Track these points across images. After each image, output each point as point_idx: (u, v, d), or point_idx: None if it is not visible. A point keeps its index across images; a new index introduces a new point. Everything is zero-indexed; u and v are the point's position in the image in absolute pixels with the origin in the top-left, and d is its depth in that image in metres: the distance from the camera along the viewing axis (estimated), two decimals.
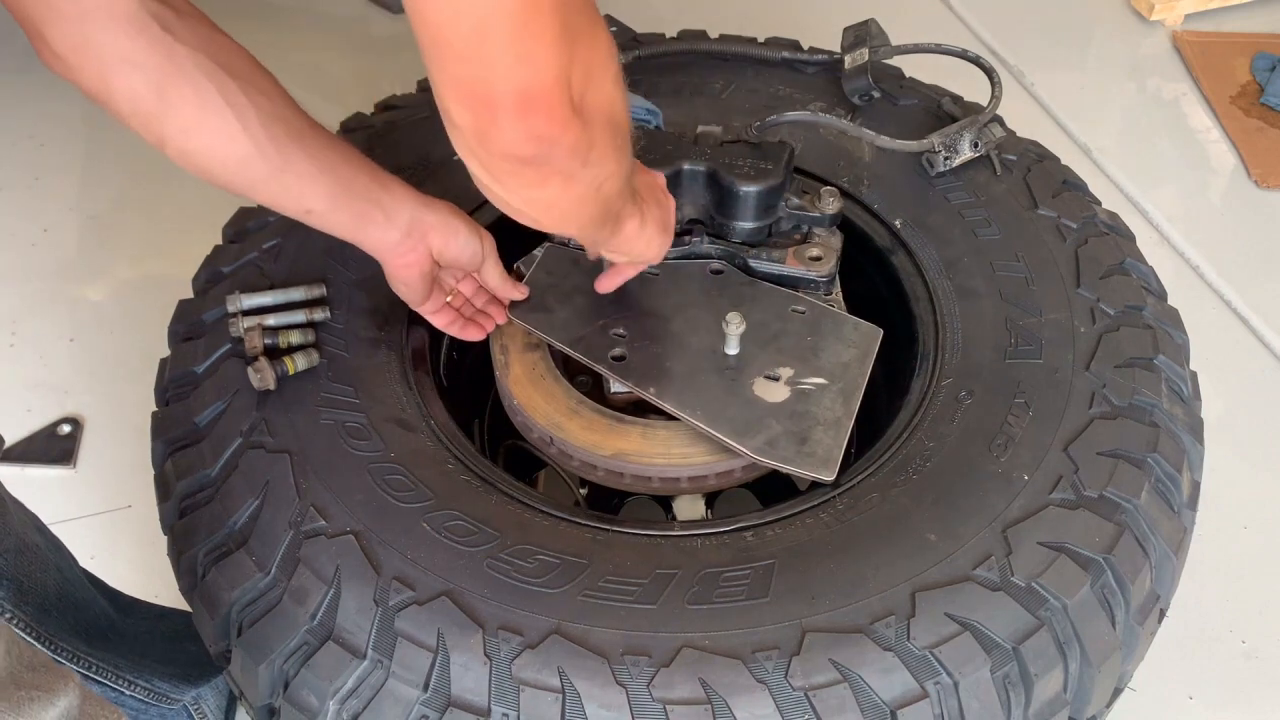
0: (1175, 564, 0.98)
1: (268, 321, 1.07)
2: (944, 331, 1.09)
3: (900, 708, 0.83)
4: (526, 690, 0.83)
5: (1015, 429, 0.99)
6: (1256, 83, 2.26)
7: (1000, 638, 0.86)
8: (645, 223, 0.97)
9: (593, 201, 0.80)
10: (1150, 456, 0.98)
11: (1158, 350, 1.06)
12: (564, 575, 0.89)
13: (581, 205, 0.80)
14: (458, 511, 0.94)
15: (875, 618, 0.86)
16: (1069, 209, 1.19)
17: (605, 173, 0.77)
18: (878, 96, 1.31)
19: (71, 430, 1.69)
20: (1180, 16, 2.42)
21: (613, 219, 0.90)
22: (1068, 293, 1.10)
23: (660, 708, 0.82)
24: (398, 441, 1.01)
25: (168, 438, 1.04)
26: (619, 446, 1.05)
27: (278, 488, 0.96)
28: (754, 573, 0.89)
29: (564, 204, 0.78)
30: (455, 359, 1.26)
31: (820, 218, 1.14)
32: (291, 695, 0.90)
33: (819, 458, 1.00)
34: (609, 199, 0.83)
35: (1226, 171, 2.12)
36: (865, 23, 1.35)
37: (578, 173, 0.74)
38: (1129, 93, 2.31)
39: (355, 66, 2.31)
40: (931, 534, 0.92)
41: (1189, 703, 1.38)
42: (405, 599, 0.88)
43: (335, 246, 1.16)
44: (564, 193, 0.75)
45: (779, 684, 0.83)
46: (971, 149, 1.22)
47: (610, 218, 0.89)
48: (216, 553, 0.96)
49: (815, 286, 1.13)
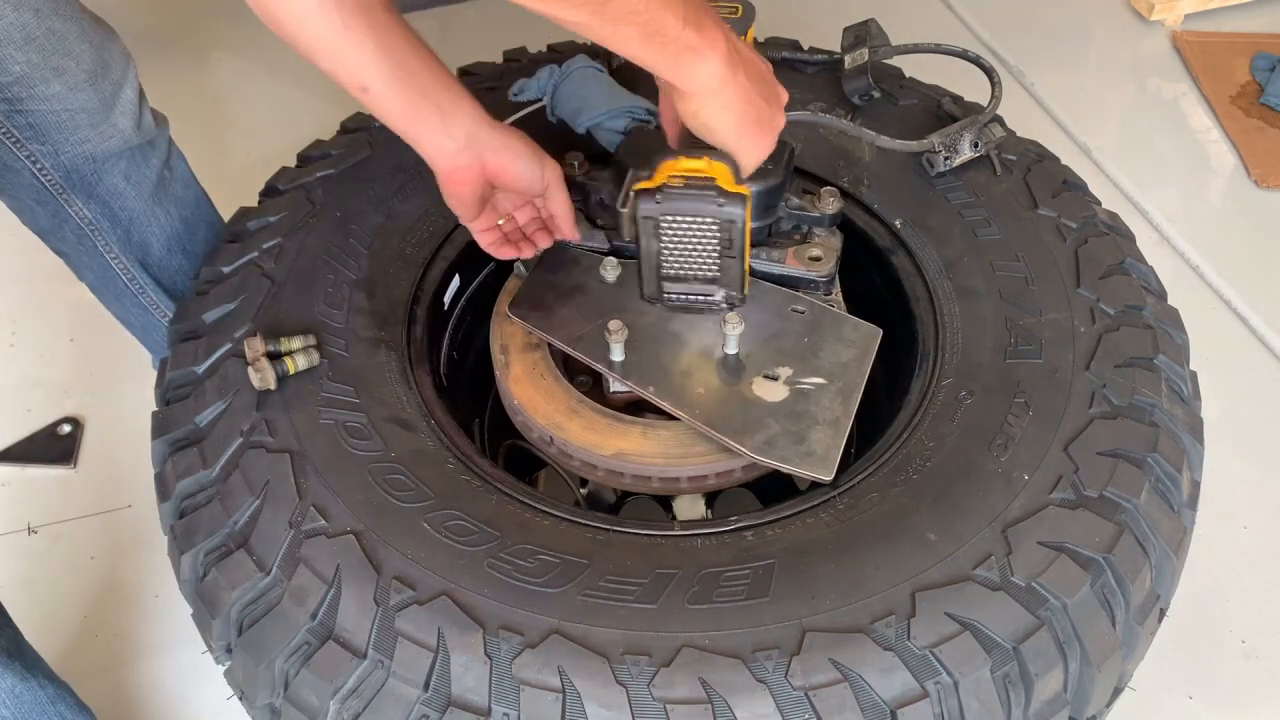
0: (1175, 564, 0.98)
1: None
2: (944, 331, 1.09)
3: (900, 707, 0.83)
4: (527, 690, 0.83)
5: (1015, 429, 0.99)
6: (1256, 83, 2.26)
7: (1000, 637, 0.86)
8: (727, 79, 0.85)
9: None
10: (1150, 456, 0.98)
11: (1158, 350, 1.06)
12: (564, 575, 0.89)
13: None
14: (458, 511, 0.95)
15: (875, 617, 0.86)
16: (1069, 209, 1.19)
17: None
18: (878, 96, 1.31)
19: (71, 430, 1.69)
20: (1180, 16, 2.41)
21: (645, 27, 0.78)
22: (1068, 293, 1.10)
23: (660, 707, 0.82)
24: (398, 441, 1.01)
25: (168, 438, 1.04)
26: (619, 446, 1.05)
27: (278, 488, 0.96)
28: (754, 572, 0.89)
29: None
30: (455, 359, 1.27)
31: (820, 218, 1.14)
32: (292, 695, 0.90)
33: (818, 457, 1.00)
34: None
35: (1226, 171, 2.12)
36: (865, 23, 1.35)
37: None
38: (1129, 93, 2.31)
39: None
40: (931, 534, 0.92)
41: (1189, 703, 1.38)
42: (405, 599, 0.88)
43: (335, 246, 1.17)
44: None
45: (779, 683, 0.83)
46: (971, 149, 1.22)
47: (635, 17, 0.77)
48: (216, 553, 0.96)
49: (815, 286, 1.13)
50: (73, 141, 1.20)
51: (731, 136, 0.90)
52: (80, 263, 1.36)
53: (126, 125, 1.23)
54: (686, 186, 0.91)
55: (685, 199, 0.91)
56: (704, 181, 0.91)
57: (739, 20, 0.99)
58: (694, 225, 0.93)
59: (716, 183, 0.91)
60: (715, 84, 0.85)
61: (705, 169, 0.92)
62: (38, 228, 1.32)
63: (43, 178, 1.22)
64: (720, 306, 1.02)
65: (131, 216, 1.30)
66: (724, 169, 0.92)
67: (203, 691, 1.40)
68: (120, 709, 1.39)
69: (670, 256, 0.98)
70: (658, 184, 0.93)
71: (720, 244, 0.95)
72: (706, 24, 0.82)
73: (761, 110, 0.90)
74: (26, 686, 1.07)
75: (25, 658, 1.09)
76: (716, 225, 0.93)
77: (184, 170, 1.37)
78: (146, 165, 1.29)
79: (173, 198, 1.34)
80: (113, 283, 1.37)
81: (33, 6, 1.09)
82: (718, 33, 0.83)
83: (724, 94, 0.86)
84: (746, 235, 0.96)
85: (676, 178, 0.92)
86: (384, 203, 1.22)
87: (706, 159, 0.92)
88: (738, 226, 0.93)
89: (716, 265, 0.97)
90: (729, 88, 0.86)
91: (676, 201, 0.91)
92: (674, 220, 0.93)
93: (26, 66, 1.11)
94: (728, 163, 0.92)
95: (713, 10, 0.85)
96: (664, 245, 0.96)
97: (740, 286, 1.01)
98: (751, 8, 1.01)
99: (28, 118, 1.16)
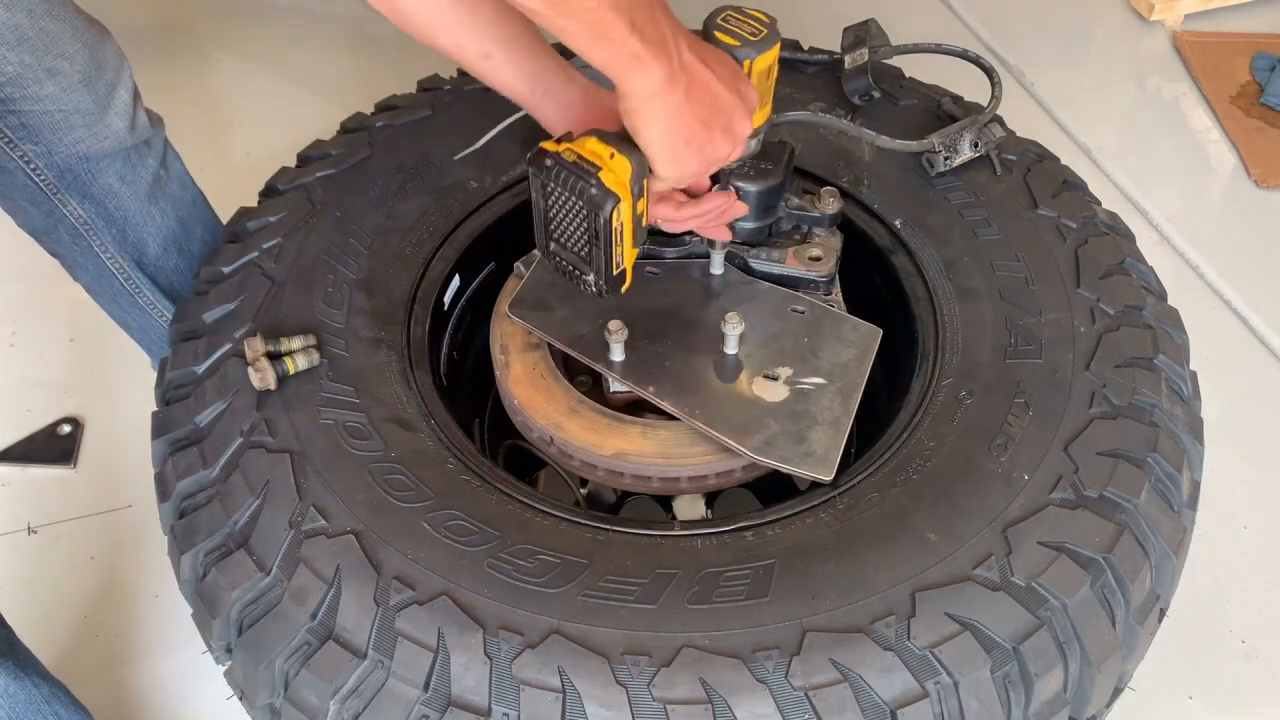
0: (1175, 564, 0.98)
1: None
2: (944, 331, 1.09)
3: (900, 707, 0.83)
4: (527, 690, 0.83)
5: (1015, 429, 0.99)
6: (1256, 83, 2.26)
7: (1000, 637, 0.86)
8: (661, 94, 0.86)
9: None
10: (1150, 456, 0.98)
11: (1158, 350, 1.06)
12: (564, 575, 0.89)
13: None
14: (458, 511, 0.95)
15: (875, 617, 0.86)
16: (1069, 209, 1.19)
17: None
18: (878, 96, 1.31)
19: (71, 430, 1.69)
20: (1180, 16, 2.41)
21: (594, 26, 0.80)
22: (1068, 293, 1.10)
23: (660, 707, 0.82)
24: (398, 441, 1.01)
25: (168, 438, 1.04)
26: (619, 446, 1.05)
27: (278, 488, 0.96)
28: (754, 572, 0.89)
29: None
30: (455, 359, 1.27)
31: (820, 218, 1.14)
32: (292, 695, 0.90)
33: (817, 457, 1.00)
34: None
35: (1226, 171, 2.12)
36: (865, 23, 1.35)
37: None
38: (1129, 93, 2.31)
39: (355, 66, 2.31)
40: (931, 534, 0.92)
41: (1189, 703, 1.38)
42: (405, 599, 0.88)
43: (335, 246, 1.17)
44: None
45: (779, 684, 0.83)
46: (971, 149, 1.22)
47: (586, 14, 0.79)
48: (217, 553, 0.96)
49: (815, 286, 1.13)
50: (66, 142, 1.20)
51: (653, 148, 0.90)
52: (76, 263, 1.36)
53: (121, 126, 1.23)
54: (574, 163, 0.90)
55: (566, 173, 0.90)
56: (590, 167, 0.90)
57: (753, 44, 0.96)
58: (569, 201, 0.93)
59: (600, 174, 0.89)
60: (647, 94, 0.85)
61: (603, 158, 0.90)
62: (32, 229, 1.32)
63: (36, 178, 1.22)
64: (590, 289, 0.99)
65: (126, 216, 1.30)
66: (624, 166, 0.90)
67: (203, 691, 1.40)
68: (120, 709, 1.39)
69: (553, 221, 0.96)
70: (558, 150, 0.92)
71: (588, 230, 0.93)
72: (653, 35, 0.82)
73: (694, 132, 0.89)
74: (20, 685, 1.07)
75: (19, 656, 1.09)
76: (585, 210, 0.92)
77: (180, 170, 1.37)
78: (142, 165, 1.29)
79: (169, 198, 1.34)
80: (109, 283, 1.37)
81: (25, 7, 1.08)
82: (663, 47, 0.83)
83: (654, 106, 0.87)
84: (624, 235, 0.94)
85: (573, 152, 0.91)
86: (384, 203, 1.22)
87: (612, 150, 0.91)
88: (601, 220, 0.91)
89: (586, 249, 0.95)
90: (660, 102, 0.86)
91: (559, 172, 0.91)
92: (554, 189, 0.92)
93: (19, 67, 1.11)
94: (635, 165, 0.91)
95: (670, 23, 0.85)
96: (549, 208, 0.95)
97: (610, 281, 0.97)
98: (776, 31, 0.98)
99: (20, 118, 1.16)
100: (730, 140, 0.93)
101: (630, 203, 0.92)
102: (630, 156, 0.90)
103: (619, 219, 0.92)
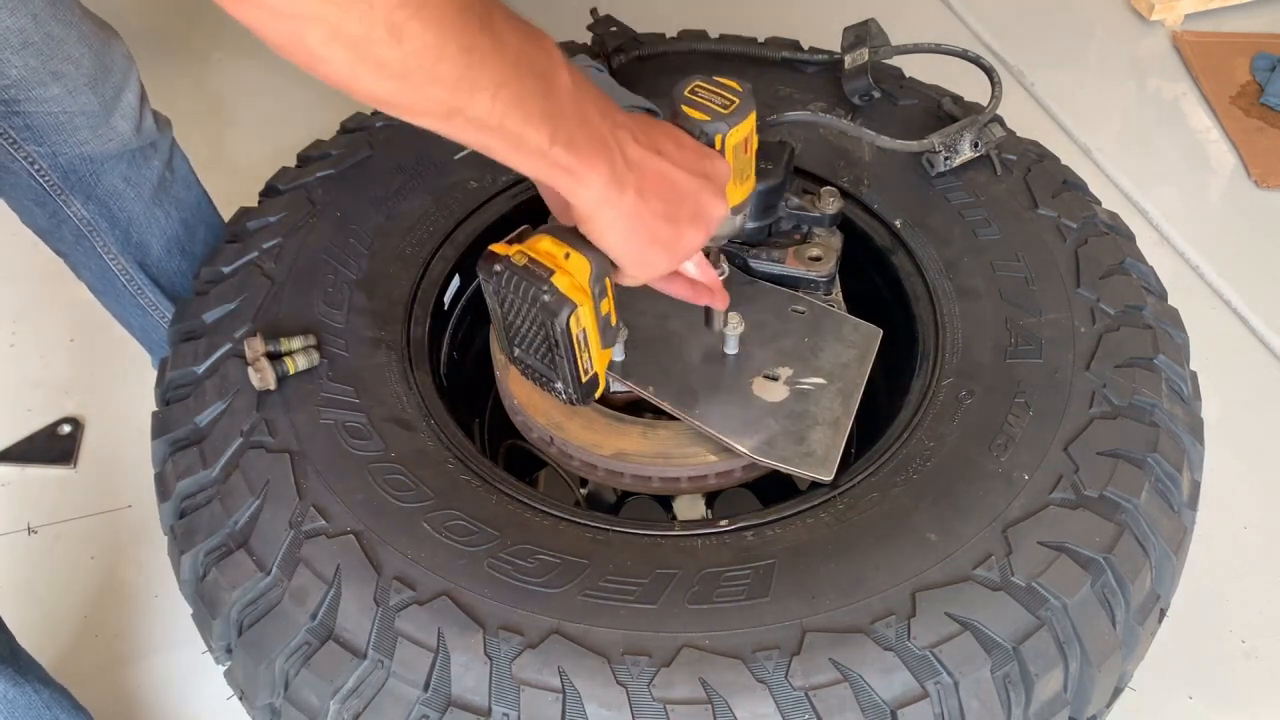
0: (1175, 564, 0.98)
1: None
2: (944, 331, 1.09)
3: (900, 707, 0.83)
4: (527, 690, 0.83)
5: (1015, 429, 0.99)
6: (1256, 83, 2.26)
7: (1000, 637, 0.86)
8: (608, 201, 0.77)
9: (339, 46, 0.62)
10: (1150, 456, 0.98)
11: (1158, 350, 1.06)
12: (564, 575, 0.89)
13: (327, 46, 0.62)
14: (458, 511, 0.95)
15: (875, 617, 0.86)
16: (1069, 209, 1.19)
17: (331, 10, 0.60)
18: (878, 96, 1.31)
19: (71, 430, 1.69)
20: (1180, 16, 2.41)
21: (504, 140, 0.71)
22: (1068, 293, 1.10)
23: (660, 708, 0.82)
24: (398, 441, 1.01)
25: (168, 438, 1.04)
26: (619, 446, 1.05)
27: (278, 488, 0.96)
28: (754, 573, 0.89)
29: (308, 39, 0.61)
30: (455, 359, 1.27)
31: (820, 218, 1.14)
32: (292, 695, 0.90)
33: (817, 457, 1.00)
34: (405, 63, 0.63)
35: (1226, 171, 2.12)
36: (865, 23, 1.35)
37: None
38: (1129, 93, 2.31)
39: None
40: (931, 534, 0.92)
41: (1189, 703, 1.39)
42: (405, 599, 0.88)
43: (335, 246, 1.17)
44: (278, 24, 0.61)
45: (779, 684, 0.83)
46: (971, 149, 1.22)
47: (488, 133, 0.70)
48: (216, 553, 0.96)
49: (815, 286, 1.13)
50: (71, 143, 1.20)
51: (616, 251, 0.82)
52: (79, 263, 1.37)
53: (126, 128, 1.23)
54: (524, 267, 0.83)
55: (517, 279, 0.83)
56: (542, 271, 0.83)
57: (725, 117, 0.87)
58: (524, 309, 0.85)
59: (553, 278, 0.82)
60: (592, 204, 0.78)
61: (558, 260, 0.83)
62: (36, 228, 1.32)
63: (40, 179, 1.22)
64: (560, 397, 0.93)
65: (130, 218, 1.30)
66: (582, 267, 0.83)
67: (203, 691, 1.40)
68: (120, 709, 1.39)
69: (512, 328, 0.90)
70: (509, 253, 0.85)
71: (547, 339, 0.87)
72: (583, 142, 0.74)
73: (658, 231, 0.81)
74: (20, 691, 1.07)
75: (19, 662, 1.09)
76: (541, 319, 0.85)
77: (186, 172, 1.37)
78: (147, 167, 1.29)
79: (173, 199, 1.34)
80: (111, 283, 1.37)
81: (31, 11, 1.09)
82: (598, 153, 0.75)
83: (605, 214, 0.79)
84: (589, 341, 0.88)
85: (524, 254, 0.84)
86: (384, 203, 1.22)
87: (568, 249, 0.83)
88: (557, 328, 0.84)
89: (549, 357, 0.89)
90: (609, 208, 0.78)
91: (510, 278, 0.84)
92: (507, 295, 0.86)
93: (24, 70, 1.11)
94: (595, 265, 0.83)
95: (604, 123, 0.76)
96: (505, 315, 0.89)
97: (578, 390, 0.91)
98: (749, 105, 0.89)
99: (25, 119, 1.16)
100: (701, 227, 0.85)
101: (591, 305, 0.85)
102: (589, 255, 0.83)
103: (578, 325, 0.85)
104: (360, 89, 0.66)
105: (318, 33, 0.62)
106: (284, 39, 0.63)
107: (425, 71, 0.65)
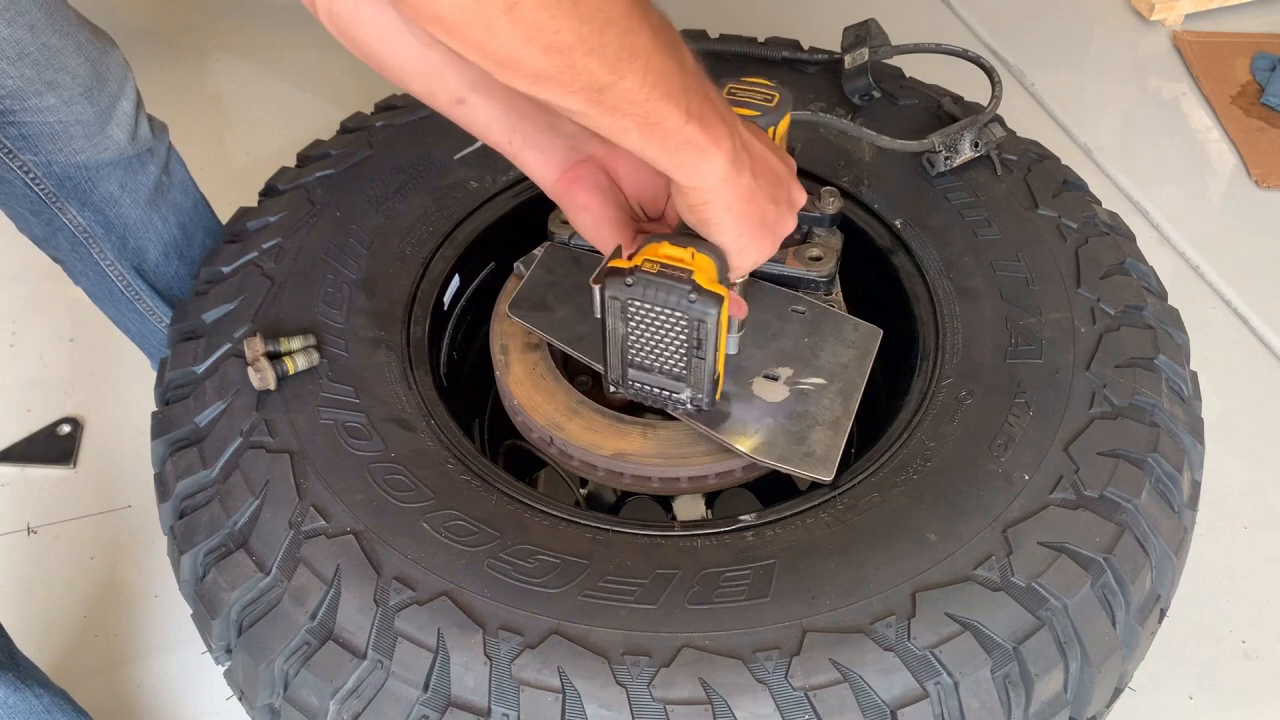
0: (1175, 564, 0.98)
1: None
2: (944, 331, 1.09)
3: (900, 708, 0.83)
4: (526, 690, 0.83)
5: (1015, 429, 0.99)
6: (1256, 83, 2.26)
7: (1001, 638, 0.86)
8: (729, 179, 0.77)
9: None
10: (1150, 456, 0.98)
11: (1158, 350, 1.06)
12: (564, 575, 0.89)
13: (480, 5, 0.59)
14: (458, 511, 0.94)
15: (876, 618, 0.86)
16: (1069, 209, 1.19)
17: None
18: (878, 96, 1.31)
19: (71, 430, 1.69)
20: (1180, 16, 2.42)
21: (645, 119, 0.70)
22: (1068, 293, 1.10)
23: (660, 708, 0.82)
24: (398, 441, 1.01)
25: (168, 438, 1.04)
26: (619, 446, 1.05)
27: (278, 488, 0.96)
28: (754, 573, 0.89)
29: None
30: (455, 359, 1.27)
31: (820, 218, 1.14)
32: (292, 695, 0.90)
33: (818, 458, 1.00)
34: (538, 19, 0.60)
35: (1226, 171, 2.12)
36: (865, 22, 1.35)
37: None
38: (1129, 93, 2.31)
39: (355, 66, 2.30)
40: (932, 534, 0.92)
41: (1189, 703, 1.39)
42: (405, 599, 0.88)
43: (335, 246, 1.17)
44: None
45: (779, 684, 0.83)
46: (972, 149, 1.22)
47: (635, 107, 0.69)
48: (216, 553, 0.96)
49: (815, 286, 1.13)
50: (66, 152, 1.20)
51: (728, 238, 0.84)
52: (75, 269, 1.37)
53: (122, 137, 1.23)
54: (660, 274, 0.84)
55: (656, 287, 0.84)
56: (680, 273, 0.84)
57: (772, 111, 0.91)
58: (662, 316, 0.86)
59: (694, 276, 0.84)
60: (715, 183, 0.78)
61: (686, 260, 0.84)
62: (33, 235, 1.32)
63: (35, 187, 1.22)
64: (685, 407, 0.94)
65: (127, 224, 1.30)
66: (708, 264, 0.85)
67: (203, 691, 1.40)
68: (120, 709, 1.39)
69: (637, 344, 0.91)
70: (633, 265, 0.85)
71: (688, 342, 0.88)
72: (712, 118, 0.75)
73: (766, 213, 0.83)
74: (21, 697, 1.07)
75: (19, 667, 1.09)
76: (685, 321, 0.86)
77: (183, 176, 1.37)
78: (143, 173, 1.29)
79: (170, 205, 1.34)
80: (108, 289, 1.37)
81: (27, 23, 1.08)
82: (723, 129, 0.76)
83: (725, 194, 0.80)
84: (720, 338, 0.89)
85: (653, 263, 0.85)
86: (384, 203, 1.22)
87: (692, 250, 0.85)
88: (708, 327, 0.86)
89: (684, 363, 0.90)
90: (730, 188, 0.79)
91: (646, 288, 0.84)
92: (642, 307, 0.86)
93: (20, 81, 1.11)
94: (716, 259, 0.85)
95: (721, 101, 0.78)
96: (631, 331, 0.89)
97: (708, 390, 0.93)
98: (789, 99, 0.92)
99: (20, 129, 1.16)
100: (792, 213, 0.87)
101: (728, 300, 0.86)
102: (709, 252, 0.84)
103: (723, 320, 0.86)
104: (525, 66, 0.63)
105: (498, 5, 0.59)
106: (467, 16, 0.60)
107: (593, 38, 0.63)
